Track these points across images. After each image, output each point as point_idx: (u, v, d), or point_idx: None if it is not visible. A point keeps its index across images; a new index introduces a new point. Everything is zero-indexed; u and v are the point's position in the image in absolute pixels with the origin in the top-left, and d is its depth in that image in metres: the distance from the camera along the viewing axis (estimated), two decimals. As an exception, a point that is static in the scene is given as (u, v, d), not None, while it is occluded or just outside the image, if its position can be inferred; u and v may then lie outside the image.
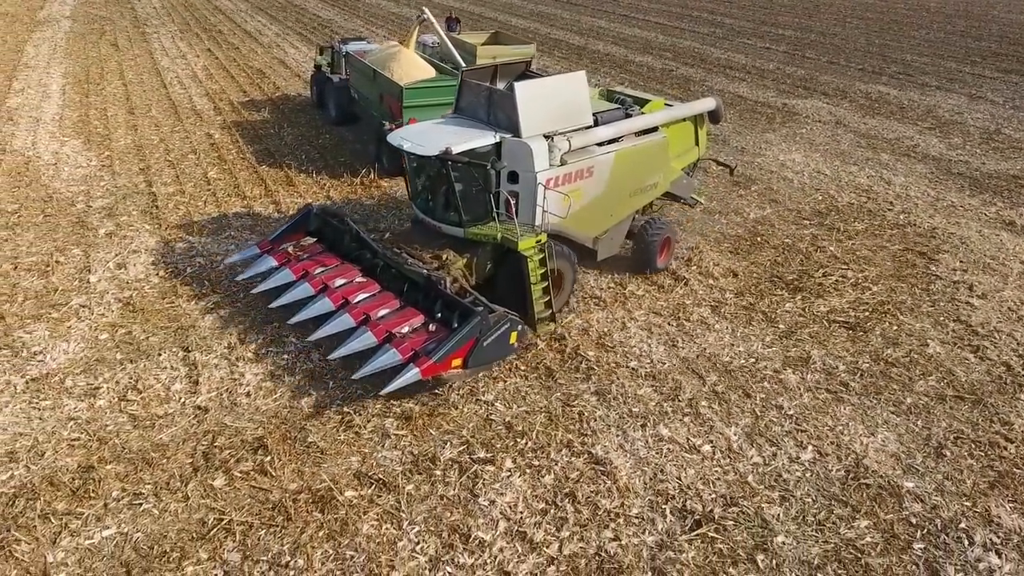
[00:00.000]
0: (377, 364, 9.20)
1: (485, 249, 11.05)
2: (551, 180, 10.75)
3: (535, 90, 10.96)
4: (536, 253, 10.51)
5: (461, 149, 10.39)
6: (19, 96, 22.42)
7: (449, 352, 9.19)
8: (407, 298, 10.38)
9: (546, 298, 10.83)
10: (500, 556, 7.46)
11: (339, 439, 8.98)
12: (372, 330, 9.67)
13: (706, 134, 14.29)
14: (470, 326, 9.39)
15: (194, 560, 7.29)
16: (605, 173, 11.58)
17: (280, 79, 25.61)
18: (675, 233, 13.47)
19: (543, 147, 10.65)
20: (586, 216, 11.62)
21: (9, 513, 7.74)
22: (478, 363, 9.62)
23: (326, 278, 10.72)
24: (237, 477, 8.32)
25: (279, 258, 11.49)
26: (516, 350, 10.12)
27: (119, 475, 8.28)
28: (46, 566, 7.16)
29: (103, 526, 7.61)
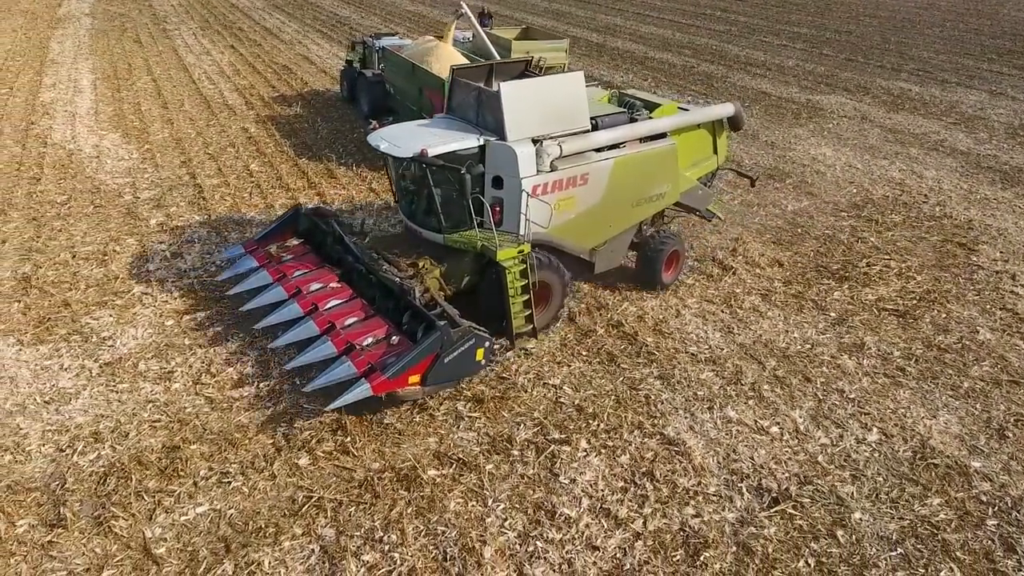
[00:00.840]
0: (330, 376, 8.79)
1: (466, 257, 10.44)
2: (538, 187, 10.15)
3: (524, 91, 10.32)
4: (516, 264, 9.93)
5: (438, 151, 9.89)
6: (51, 91, 22.59)
7: (405, 368, 8.64)
8: (378, 307, 9.92)
9: (526, 312, 10.24)
10: (587, 532, 7.63)
11: (415, 421, 9.16)
12: (333, 340, 9.25)
13: (726, 142, 13.34)
14: (429, 341, 8.80)
15: (290, 535, 7.44)
16: (602, 181, 10.87)
17: (307, 75, 25.77)
18: (683, 247, 12.66)
19: (529, 152, 10.04)
20: (580, 226, 10.96)
21: (102, 491, 7.91)
22: (439, 380, 9.03)
23: (300, 282, 10.36)
24: (321, 456, 8.49)
25: (260, 259, 11.17)
26: (484, 367, 9.52)
27: (204, 455, 8.46)
28: (145, 541, 7.33)
29: (196, 503, 7.79)
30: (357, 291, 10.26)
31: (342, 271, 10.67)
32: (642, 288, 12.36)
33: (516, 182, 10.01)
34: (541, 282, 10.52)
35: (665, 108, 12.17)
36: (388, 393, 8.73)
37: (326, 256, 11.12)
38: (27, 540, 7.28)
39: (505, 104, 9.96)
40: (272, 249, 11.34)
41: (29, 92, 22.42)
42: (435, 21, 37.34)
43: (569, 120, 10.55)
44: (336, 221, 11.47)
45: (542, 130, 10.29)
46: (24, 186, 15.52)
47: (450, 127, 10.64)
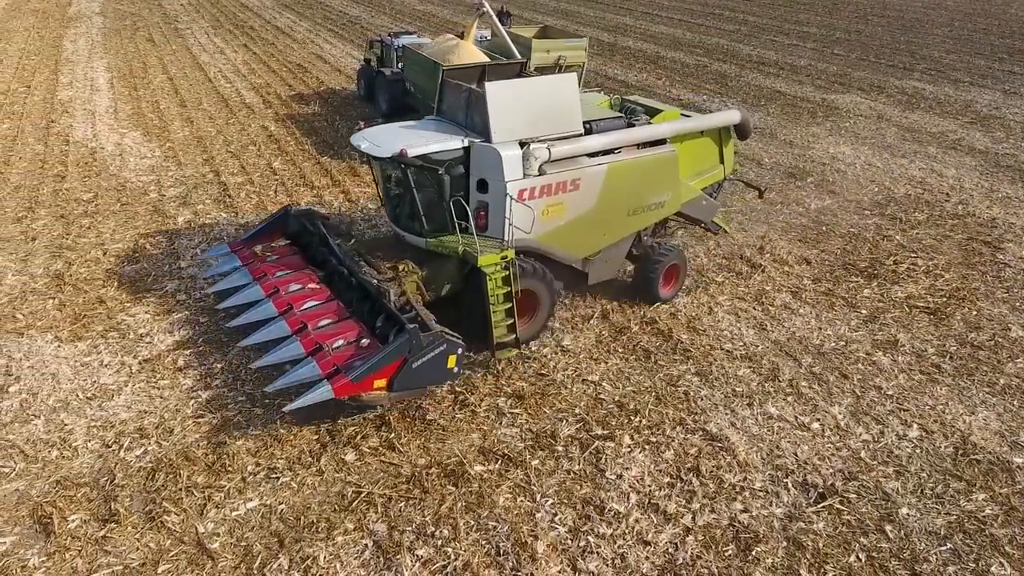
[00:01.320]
0: (294, 377, 8.64)
1: (448, 263, 10.16)
2: (525, 191, 9.79)
3: (512, 92, 10.03)
4: (498, 271, 9.59)
5: (418, 152, 9.61)
6: (69, 90, 22.61)
7: (370, 371, 8.36)
8: (355, 309, 9.72)
9: (508, 321, 9.87)
10: (637, 527, 7.65)
11: (457, 417, 9.18)
12: (302, 340, 9.09)
13: (733, 151, 12.71)
14: (396, 344, 8.49)
15: (342, 530, 7.46)
16: (595, 187, 10.45)
17: (321, 73, 25.78)
18: (684, 260, 12.10)
19: (515, 154, 9.69)
20: (571, 234, 10.55)
21: (151, 486, 7.92)
22: (406, 387, 8.67)
23: (279, 283, 10.23)
24: (367, 452, 8.52)
25: (245, 258, 11.07)
26: (456, 376, 9.05)
27: (250, 450, 8.47)
28: (198, 536, 7.36)
29: (246, 498, 7.80)
30: (336, 293, 10.09)
31: (325, 273, 10.53)
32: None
33: (500, 185, 9.68)
34: (527, 291, 10.19)
35: (666, 114, 11.77)
36: (352, 397, 8.47)
37: (311, 258, 10.98)
38: (80, 535, 7.30)
39: (491, 105, 9.67)
40: (257, 249, 11.19)
41: (47, 90, 22.44)
42: (445, 20, 37.37)
43: (560, 123, 10.21)
44: (323, 222, 11.28)
45: (530, 133, 9.95)
46: (50, 184, 15.54)
47: (437, 128, 10.42)
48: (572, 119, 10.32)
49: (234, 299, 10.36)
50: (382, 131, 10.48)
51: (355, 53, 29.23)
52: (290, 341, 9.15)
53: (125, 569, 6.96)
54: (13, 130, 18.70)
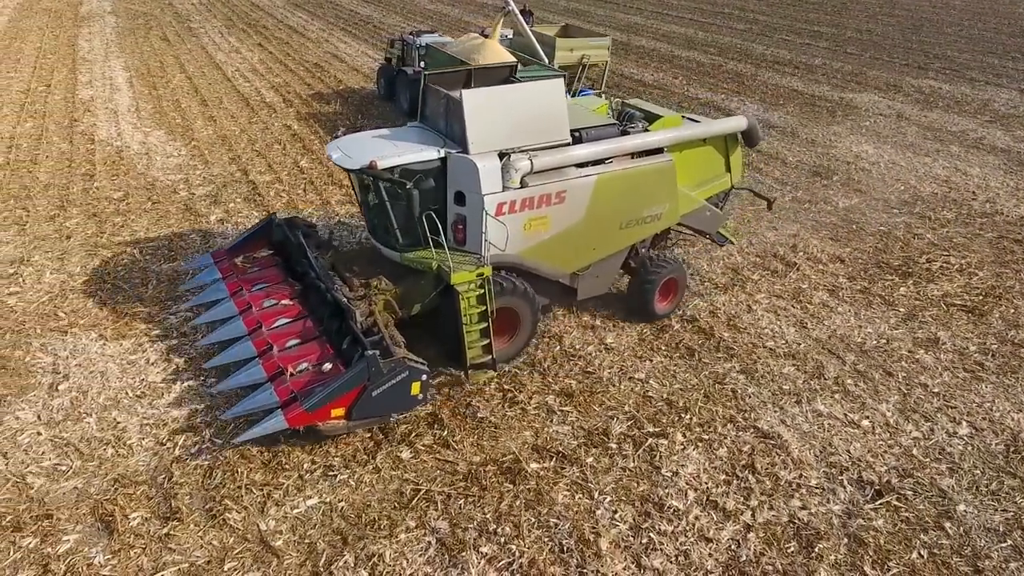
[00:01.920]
0: (250, 404, 8.37)
1: (425, 278, 9.62)
2: (504, 204, 9.31)
3: (491, 99, 9.45)
4: (472, 289, 9.16)
5: (389, 163, 9.14)
6: (88, 89, 22.56)
7: (327, 400, 8.00)
8: (325, 328, 9.29)
9: (483, 341, 9.41)
10: (697, 524, 7.66)
11: (507, 415, 9.17)
12: (264, 363, 8.74)
13: (741, 160, 12.09)
14: (354, 372, 8.08)
15: (404, 528, 7.46)
16: (583, 200, 9.94)
17: (339, 73, 25.75)
18: (683, 273, 11.40)
19: (494, 166, 9.21)
20: (557, 248, 10.07)
21: (209, 484, 7.92)
22: (366, 415, 8.31)
23: (253, 298, 9.90)
24: (422, 450, 8.51)
25: (224, 270, 10.76)
26: (421, 403, 8.61)
27: (304, 448, 8.46)
28: (261, 533, 7.35)
29: (305, 496, 7.80)
30: (309, 310, 9.69)
31: (302, 286, 10.13)
32: (712, 286, 12.41)
33: (478, 199, 9.23)
34: (508, 309, 9.77)
35: (666, 120, 11.11)
36: (308, 427, 8.18)
37: (291, 269, 10.60)
38: (143, 533, 7.29)
39: (468, 113, 9.11)
40: (238, 260, 10.90)
41: (66, 89, 22.38)
42: (457, 20, 37.34)
43: (545, 132, 9.63)
44: (303, 232, 10.79)
45: (511, 142, 9.43)
46: (79, 182, 15.51)
47: (416, 137, 9.87)
48: (558, 127, 9.74)
49: (207, 315, 10.20)
50: (357, 140, 10.03)
51: (371, 52, 29.23)
52: (253, 364, 8.83)
53: (191, 567, 6.96)
54: (37, 129, 18.67)
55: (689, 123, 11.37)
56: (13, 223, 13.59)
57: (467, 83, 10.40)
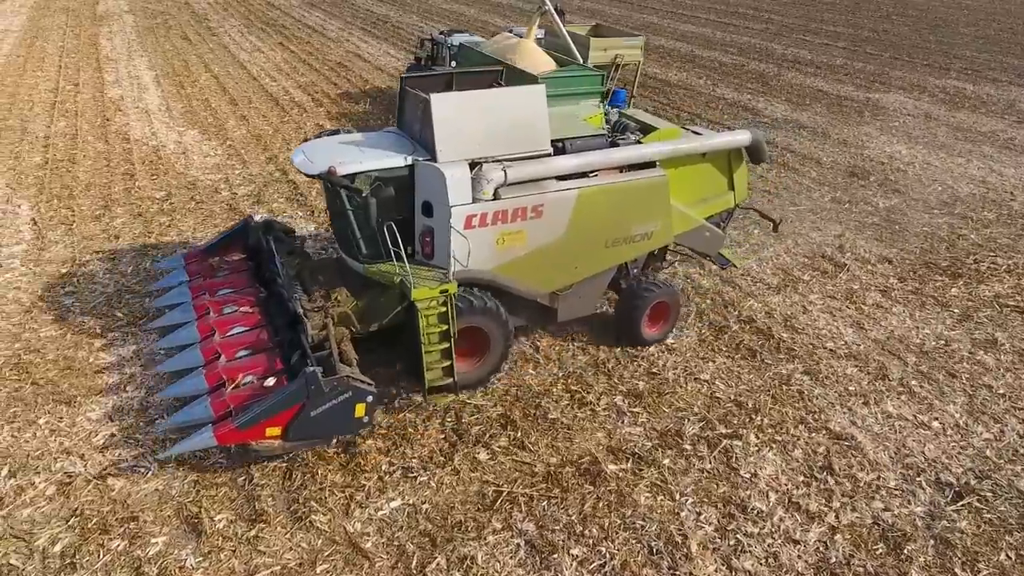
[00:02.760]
0: (184, 417, 8.03)
1: (388, 293, 9.04)
2: (474, 217, 8.78)
3: (463, 105, 8.88)
4: (434, 307, 8.60)
5: (351, 170, 8.69)
6: (116, 88, 22.53)
7: (261, 418, 7.55)
8: (280, 339, 8.90)
9: (444, 363, 8.86)
10: (783, 525, 7.64)
11: (578, 416, 9.15)
12: (208, 374, 8.38)
13: (746, 177, 11.34)
14: (292, 389, 7.66)
15: (491, 530, 7.44)
16: (563, 215, 9.33)
17: (364, 72, 25.72)
18: (676, 297, 10.66)
19: (463, 176, 8.70)
20: (534, 266, 9.47)
21: (290, 486, 7.90)
22: (304, 436, 7.84)
23: (214, 303, 9.55)
24: (498, 451, 8.48)
25: (192, 272, 10.51)
26: (366, 425, 8.07)
27: (381, 450, 8.44)
28: (349, 535, 7.33)
29: (388, 498, 7.77)
30: (269, 319, 9.28)
31: (267, 294, 9.79)
32: (764, 287, 12.39)
33: (445, 210, 8.74)
34: (476, 329, 9.24)
35: (661, 133, 10.52)
36: (240, 446, 7.81)
37: (261, 275, 10.24)
38: (231, 535, 7.27)
39: (436, 119, 8.61)
40: (214, 261, 10.67)
41: (95, 88, 22.35)
42: (474, 19, 37.32)
43: (522, 141, 9.10)
44: (274, 237, 10.37)
45: (484, 151, 8.92)
46: (120, 182, 15.47)
47: (386, 143, 9.40)
48: (537, 137, 9.20)
49: (165, 319, 9.94)
50: (323, 144, 9.57)
51: (392, 52, 29.20)
52: (196, 374, 8.46)
53: (283, 570, 6.92)
54: (71, 128, 18.65)
55: (690, 136, 10.72)
56: (60, 223, 13.58)
57: (448, 86, 9.95)
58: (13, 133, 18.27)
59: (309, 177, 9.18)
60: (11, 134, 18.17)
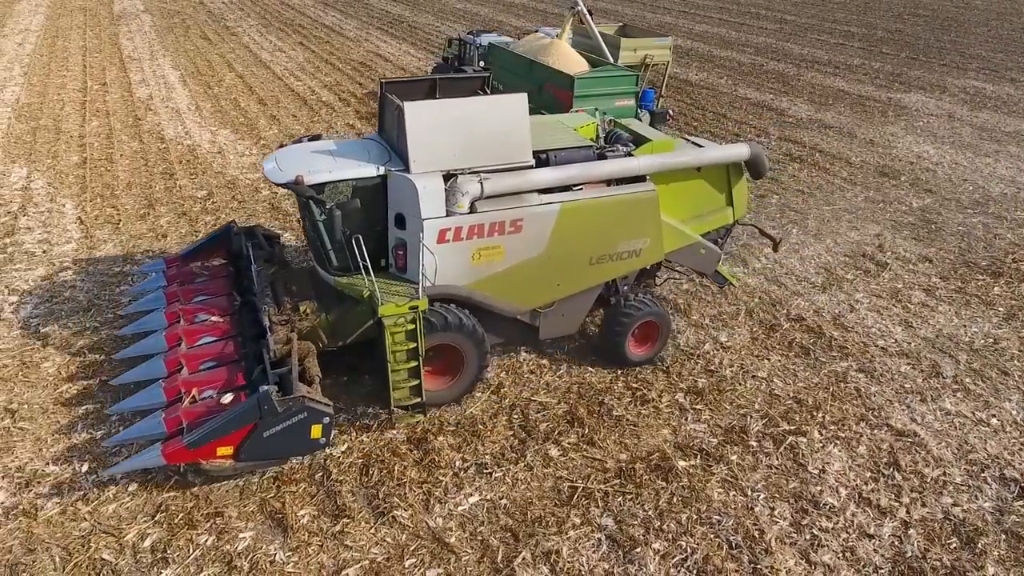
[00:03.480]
0: (135, 432, 7.79)
1: (360, 306, 8.67)
2: (448, 231, 8.47)
3: (438, 114, 8.52)
4: (402, 324, 8.29)
5: (319, 179, 8.40)
6: (144, 87, 22.63)
7: (211, 437, 7.32)
8: (246, 352, 8.59)
9: (412, 382, 8.60)
10: (856, 520, 7.74)
11: (641, 412, 9.27)
12: (166, 387, 8.11)
13: (745, 192, 10.78)
14: (243, 409, 7.41)
15: (571, 524, 7.54)
16: (544, 230, 8.97)
17: (387, 71, 25.81)
18: (665, 317, 10.08)
19: (436, 187, 8.39)
20: (513, 282, 9.11)
21: (368, 481, 8.00)
22: (257, 457, 7.62)
23: (186, 311, 9.28)
24: (568, 448, 8.59)
25: (171, 278, 10.28)
26: (323, 446, 7.82)
27: (452, 446, 8.55)
28: (432, 530, 7.43)
29: (466, 493, 7.88)
30: (239, 329, 8.99)
31: (241, 303, 9.45)
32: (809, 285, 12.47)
33: (417, 223, 8.44)
34: (449, 347, 8.91)
35: (654, 145, 9.96)
36: (190, 465, 7.64)
37: (239, 282, 9.93)
38: (316, 530, 7.37)
39: (409, 128, 8.30)
40: (195, 267, 10.44)
41: (122, 88, 22.45)
42: (488, 19, 37.43)
43: (502, 152, 8.75)
44: (254, 243, 10.06)
45: (460, 163, 8.58)
46: (160, 181, 15.57)
47: (363, 151, 9.05)
48: (518, 148, 8.83)
49: (133, 326, 9.63)
50: (296, 151, 9.18)
51: (413, 52, 29.31)
52: (154, 386, 8.18)
53: (372, 564, 7.03)
54: (104, 127, 18.75)
55: (687, 148, 10.27)
56: (106, 222, 13.68)
57: (431, 92, 9.60)
58: (48, 132, 18.41)
59: (277, 186, 8.84)
60: (46, 133, 18.32)
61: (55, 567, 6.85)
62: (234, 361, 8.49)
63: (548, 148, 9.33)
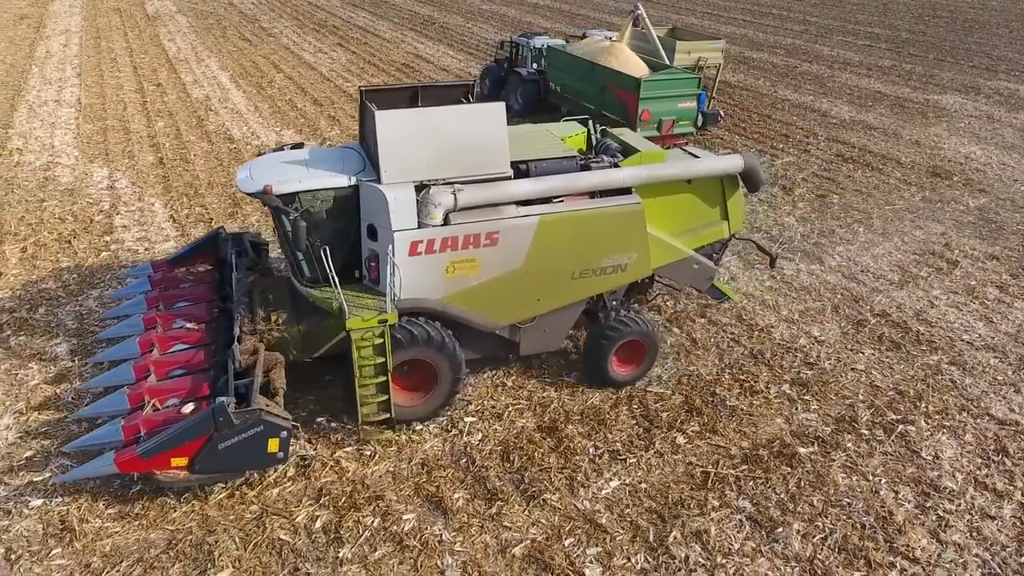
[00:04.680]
0: (93, 439, 7.74)
1: (330, 319, 8.58)
2: (420, 243, 8.34)
3: (411, 123, 8.37)
4: (369, 337, 8.21)
5: (290, 189, 8.28)
6: (198, 88, 23.02)
7: (165, 448, 7.27)
8: (216, 361, 8.55)
9: (380, 398, 8.48)
10: (976, 502, 8.19)
11: (753, 403, 9.70)
12: (130, 393, 8.06)
13: (741, 205, 10.40)
14: (197, 420, 7.37)
15: (711, 507, 7.98)
16: (522, 243, 8.75)
17: (431, 73, 26.17)
18: (651, 336, 9.75)
19: (407, 199, 8.26)
20: (490, 296, 8.93)
21: (510, 467, 8.43)
22: (212, 469, 7.55)
23: (164, 317, 9.26)
24: (692, 436, 9.03)
25: (156, 282, 10.21)
26: (281, 460, 7.73)
27: (582, 434, 8.99)
28: (581, 512, 7.84)
29: (606, 478, 8.32)
30: (215, 336, 8.96)
31: (221, 310, 9.44)
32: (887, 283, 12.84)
33: (388, 234, 8.32)
34: (422, 362, 8.75)
35: (642, 156, 9.73)
36: (144, 475, 7.59)
37: (223, 289, 9.87)
38: (474, 512, 7.80)
39: (381, 137, 8.17)
40: (180, 272, 10.46)
41: (178, 89, 22.83)
42: (516, 20, 37.78)
43: (477, 163, 8.59)
44: (237, 250, 10.03)
45: (435, 173, 8.42)
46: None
47: (339, 160, 8.91)
48: (495, 158, 8.65)
49: (111, 331, 9.64)
50: (270, 160, 9.10)
51: (452, 53, 29.69)
52: (119, 392, 8.14)
53: (533, 543, 7.45)
54: (171, 128, 19.14)
55: (680, 159, 10.07)
56: (198, 220, 14.08)
57: (414, 102, 9.36)
58: (117, 133, 18.79)
59: (248, 196, 8.84)
60: (116, 134, 18.70)
61: (236, 546, 7.28)
62: (202, 370, 8.47)
63: (529, 158, 9.17)
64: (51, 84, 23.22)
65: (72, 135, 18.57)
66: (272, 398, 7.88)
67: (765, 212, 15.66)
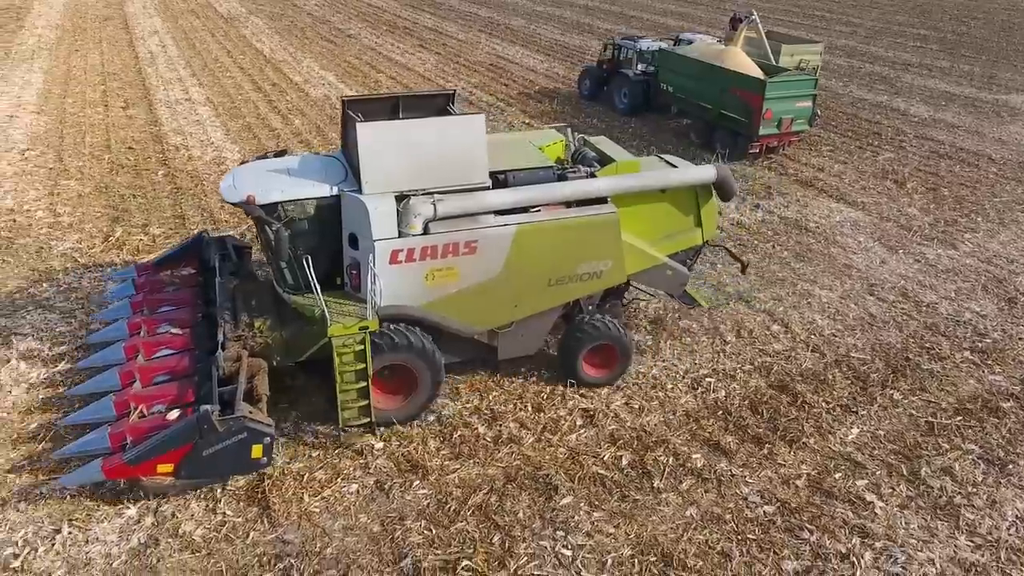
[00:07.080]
0: (80, 446, 7.98)
1: (312, 325, 8.83)
2: (400, 252, 8.63)
3: (391, 134, 8.64)
4: (350, 343, 8.46)
5: (273, 198, 8.56)
6: (312, 88, 24.23)
7: (151, 454, 7.52)
8: (201, 366, 8.73)
9: (361, 402, 8.71)
10: None
11: (945, 366, 11.05)
12: (116, 400, 8.30)
13: (715, 213, 10.88)
14: (181, 427, 7.62)
15: (944, 449, 9.34)
16: (500, 251, 9.09)
17: (520, 73, 27.46)
18: (623, 342, 10.11)
19: (388, 208, 8.54)
20: (469, 303, 9.27)
21: (761, 419, 9.75)
22: (197, 475, 7.82)
23: (149, 321, 9.46)
24: (906, 392, 10.37)
25: (141, 285, 10.41)
26: (264, 466, 7.98)
27: (810, 391, 10.31)
28: (836, 452, 9.17)
29: (847, 427, 9.65)
30: (199, 342, 9.15)
31: (204, 315, 9.65)
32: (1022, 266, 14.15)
33: (369, 243, 8.61)
34: (402, 367, 9.05)
35: (620, 166, 10.15)
36: (131, 481, 7.87)
37: (207, 294, 10.07)
38: (749, 453, 9.12)
39: (362, 148, 8.44)
40: (165, 276, 10.62)
41: (295, 89, 24.06)
42: (572, 21, 39.01)
43: (457, 173, 8.89)
44: (221, 255, 10.19)
45: (414, 183, 8.71)
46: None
47: (321, 169, 9.18)
48: (473, 169, 8.96)
49: (97, 335, 9.90)
50: (253, 169, 9.37)
51: (531, 54, 30.97)
52: (105, 399, 8.38)
53: (808, 476, 8.80)
54: (309, 125, 20.35)
55: (655, 169, 10.46)
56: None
57: (394, 111, 9.49)
58: (263, 131, 19.98)
59: (231, 205, 9.14)
60: (262, 131, 19.90)
61: (566, 478, 8.59)
62: (187, 376, 8.66)
63: (507, 168, 9.47)
64: (171, 84, 24.45)
65: (222, 132, 19.81)
66: (255, 404, 8.11)
67: (887, 204, 17.05)
